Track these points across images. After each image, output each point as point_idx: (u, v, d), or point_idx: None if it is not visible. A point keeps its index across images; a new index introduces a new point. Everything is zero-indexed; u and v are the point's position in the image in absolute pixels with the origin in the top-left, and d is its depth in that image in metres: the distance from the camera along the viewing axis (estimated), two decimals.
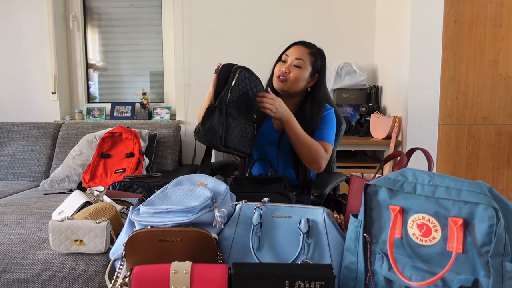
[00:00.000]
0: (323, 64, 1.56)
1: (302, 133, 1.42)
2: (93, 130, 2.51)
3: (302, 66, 1.49)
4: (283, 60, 1.53)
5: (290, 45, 1.56)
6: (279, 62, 1.54)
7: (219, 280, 0.87)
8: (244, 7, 2.80)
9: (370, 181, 0.93)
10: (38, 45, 2.86)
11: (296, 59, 1.49)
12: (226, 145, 1.29)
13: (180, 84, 2.86)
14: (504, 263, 0.75)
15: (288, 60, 1.51)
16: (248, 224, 1.03)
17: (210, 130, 1.25)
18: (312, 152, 1.44)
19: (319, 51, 1.56)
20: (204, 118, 1.28)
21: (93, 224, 1.12)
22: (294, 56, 1.50)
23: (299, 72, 1.49)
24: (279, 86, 1.51)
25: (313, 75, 1.54)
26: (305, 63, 1.50)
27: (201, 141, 1.29)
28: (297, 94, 1.56)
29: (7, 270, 1.19)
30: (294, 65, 1.49)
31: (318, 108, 1.54)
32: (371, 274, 0.93)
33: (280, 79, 1.50)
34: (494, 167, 2.24)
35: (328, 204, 1.52)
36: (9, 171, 2.46)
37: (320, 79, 1.57)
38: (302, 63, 1.49)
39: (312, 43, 1.57)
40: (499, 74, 2.19)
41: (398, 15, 2.37)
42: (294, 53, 1.51)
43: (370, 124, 2.48)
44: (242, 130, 1.35)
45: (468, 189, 0.78)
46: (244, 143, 1.37)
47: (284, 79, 1.49)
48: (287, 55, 1.52)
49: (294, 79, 1.49)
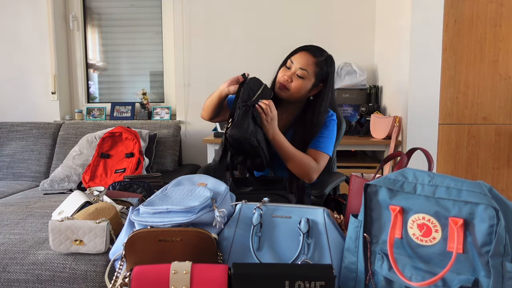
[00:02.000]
0: (329, 72, 1.48)
1: (289, 149, 1.39)
2: (93, 130, 2.50)
3: (305, 77, 1.43)
4: (288, 66, 1.46)
5: (298, 49, 1.48)
6: (283, 67, 1.48)
7: (219, 280, 0.86)
8: (244, 7, 2.80)
9: (370, 181, 0.93)
10: (38, 45, 2.86)
11: (300, 69, 1.42)
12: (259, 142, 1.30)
13: (180, 84, 2.86)
14: (504, 263, 0.75)
15: (292, 68, 1.45)
16: (248, 224, 1.03)
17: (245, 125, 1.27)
18: (301, 165, 1.41)
19: (327, 59, 1.47)
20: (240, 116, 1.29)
21: (93, 224, 1.12)
22: (298, 65, 1.43)
23: (302, 83, 1.43)
24: (280, 93, 1.47)
25: (316, 85, 1.47)
26: (309, 74, 1.43)
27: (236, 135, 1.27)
28: (298, 101, 1.52)
29: (7, 270, 1.19)
30: (297, 74, 1.43)
31: (318, 117, 1.49)
32: (371, 274, 0.93)
33: (281, 87, 1.45)
34: (494, 167, 2.24)
35: (328, 204, 1.52)
36: (9, 171, 2.46)
37: (324, 88, 1.49)
38: (306, 74, 1.43)
39: (321, 50, 1.48)
40: (499, 74, 2.19)
41: (398, 15, 2.37)
42: (299, 61, 1.44)
43: (370, 124, 2.48)
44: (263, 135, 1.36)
45: (468, 189, 0.78)
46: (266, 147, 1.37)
47: (285, 87, 1.44)
48: (292, 61, 1.45)
49: (295, 90, 1.44)
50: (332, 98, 1.57)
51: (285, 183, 1.37)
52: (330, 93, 1.52)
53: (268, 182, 1.40)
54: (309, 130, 1.48)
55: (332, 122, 1.53)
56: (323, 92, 1.49)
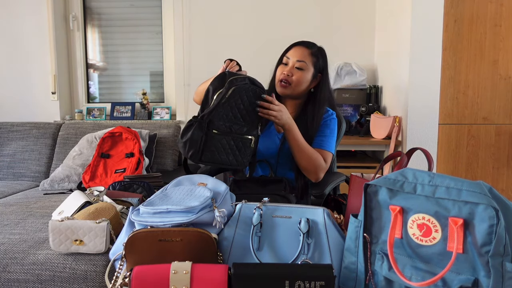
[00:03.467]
0: (324, 63, 1.53)
1: (302, 142, 1.40)
2: (93, 130, 2.50)
3: (304, 68, 1.47)
4: (284, 63, 1.50)
5: (290, 46, 1.53)
6: (281, 65, 1.51)
7: (219, 280, 0.86)
8: (244, 7, 2.80)
9: (370, 181, 0.93)
10: (38, 45, 2.86)
11: (298, 61, 1.47)
12: (201, 159, 1.24)
13: (180, 84, 2.86)
14: (504, 263, 0.75)
15: (289, 63, 1.48)
16: (248, 224, 1.03)
17: (187, 142, 1.22)
18: (312, 161, 1.42)
19: (320, 50, 1.53)
20: (183, 131, 1.25)
21: (93, 224, 1.12)
22: (295, 58, 1.47)
23: (302, 74, 1.47)
24: (282, 91, 1.49)
25: (315, 75, 1.51)
26: (307, 64, 1.47)
27: (181, 151, 1.26)
28: (300, 96, 1.54)
29: (7, 270, 1.18)
30: (296, 67, 1.47)
31: (320, 108, 1.52)
32: (371, 274, 0.93)
33: (282, 84, 1.47)
34: (494, 167, 2.24)
35: (328, 204, 1.52)
36: (9, 171, 2.46)
37: (323, 79, 1.53)
38: (304, 65, 1.47)
39: (313, 42, 1.54)
40: (499, 74, 2.19)
41: (398, 15, 2.37)
42: (295, 55, 1.48)
43: (370, 124, 2.48)
44: (231, 143, 1.29)
45: (468, 189, 0.78)
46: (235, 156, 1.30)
47: (287, 83, 1.47)
48: (288, 57, 1.49)
49: (297, 82, 1.47)
50: (331, 96, 1.60)
51: (285, 183, 1.37)
52: (328, 84, 1.56)
53: (268, 183, 1.40)
54: (311, 123, 1.49)
55: (333, 121, 1.54)
56: (322, 83, 1.53)
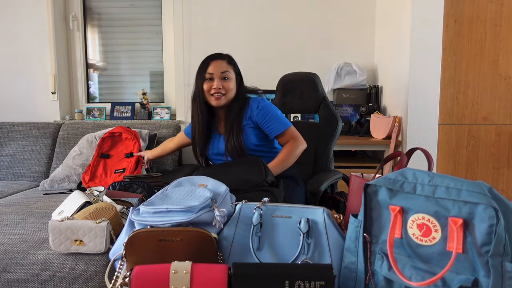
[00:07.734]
0: (237, 66, 1.70)
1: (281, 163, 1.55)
2: (93, 130, 2.50)
3: (229, 77, 1.62)
4: (209, 78, 1.61)
5: (207, 62, 1.63)
6: (205, 81, 1.62)
7: (219, 280, 0.87)
8: (244, 7, 2.80)
9: (370, 181, 0.93)
10: (38, 45, 2.86)
11: (222, 72, 1.61)
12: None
13: (180, 84, 2.86)
14: (504, 263, 0.75)
15: (214, 77, 1.60)
16: (248, 224, 1.03)
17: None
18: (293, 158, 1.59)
19: (229, 56, 1.68)
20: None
21: (93, 224, 1.12)
22: (219, 71, 1.60)
23: (230, 83, 1.62)
24: (218, 102, 1.61)
25: (237, 78, 1.67)
26: (230, 72, 1.63)
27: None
28: (230, 101, 1.65)
29: (7, 270, 1.19)
30: (223, 78, 1.61)
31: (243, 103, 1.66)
32: (371, 274, 0.93)
33: (216, 96, 1.60)
34: (494, 167, 2.24)
35: (326, 202, 1.53)
36: (9, 171, 2.46)
37: (241, 78, 1.71)
38: (229, 73, 1.62)
39: (221, 53, 1.67)
40: (499, 74, 2.19)
41: (398, 15, 2.37)
42: (217, 68, 1.61)
43: (370, 124, 2.48)
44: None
45: (468, 189, 0.78)
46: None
47: (220, 95, 1.60)
48: (210, 73, 1.61)
49: (228, 90, 1.61)
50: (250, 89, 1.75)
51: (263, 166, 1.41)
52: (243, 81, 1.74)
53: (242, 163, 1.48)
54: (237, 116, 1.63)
55: (266, 102, 1.68)
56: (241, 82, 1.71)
